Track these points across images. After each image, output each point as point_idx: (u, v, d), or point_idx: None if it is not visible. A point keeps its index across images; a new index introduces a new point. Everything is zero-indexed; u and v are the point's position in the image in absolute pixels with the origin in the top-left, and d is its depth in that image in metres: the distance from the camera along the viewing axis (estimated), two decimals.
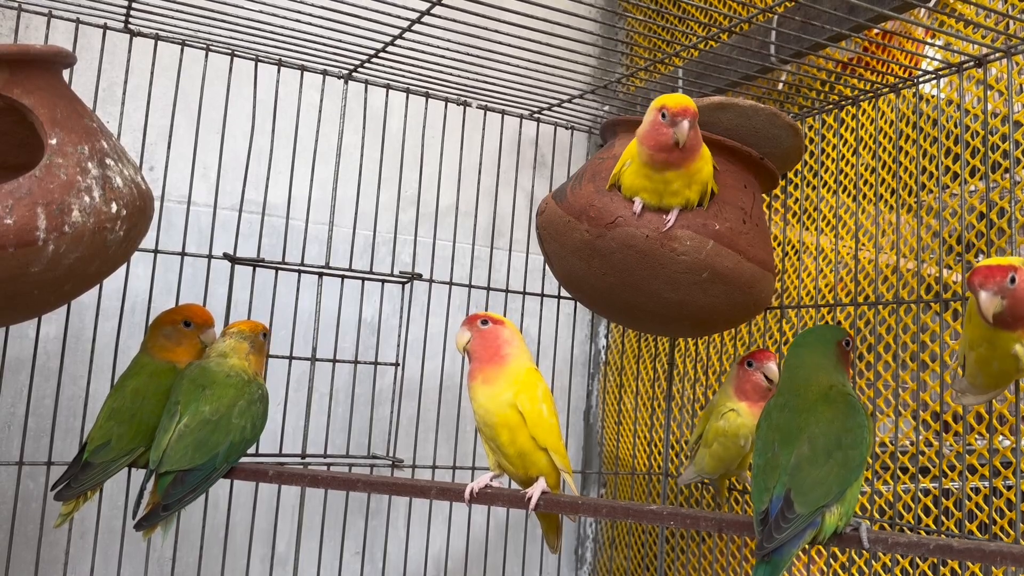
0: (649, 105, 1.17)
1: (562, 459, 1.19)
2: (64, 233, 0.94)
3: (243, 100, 1.58)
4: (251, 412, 1.26)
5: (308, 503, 1.61)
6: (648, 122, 1.15)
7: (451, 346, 1.72)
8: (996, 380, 1.08)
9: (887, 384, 1.48)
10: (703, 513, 1.14)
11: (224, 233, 1.60)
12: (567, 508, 1.18)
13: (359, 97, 1.68)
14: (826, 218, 1.65)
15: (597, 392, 2.15)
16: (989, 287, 0.96)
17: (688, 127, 1.12)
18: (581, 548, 2.10)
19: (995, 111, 1.32)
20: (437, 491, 1.23)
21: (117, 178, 1.02)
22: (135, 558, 1.59)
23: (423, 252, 1.87)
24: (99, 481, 1.22)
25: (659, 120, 1.13)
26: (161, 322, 1.32)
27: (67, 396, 1.55)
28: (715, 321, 1.32)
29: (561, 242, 1.28)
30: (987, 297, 0.96)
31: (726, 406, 1.35)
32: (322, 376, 1.68)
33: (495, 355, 1.19)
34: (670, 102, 1.13)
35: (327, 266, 1.55)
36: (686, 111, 1.12)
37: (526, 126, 1.79)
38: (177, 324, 1.31)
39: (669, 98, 1.14)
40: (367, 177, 1.68)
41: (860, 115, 1.52)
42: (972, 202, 1.43)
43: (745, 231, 1.25)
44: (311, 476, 1.28)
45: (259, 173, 1.68)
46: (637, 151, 1.18)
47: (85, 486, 1.21)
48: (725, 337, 1.74)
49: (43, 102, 0.99)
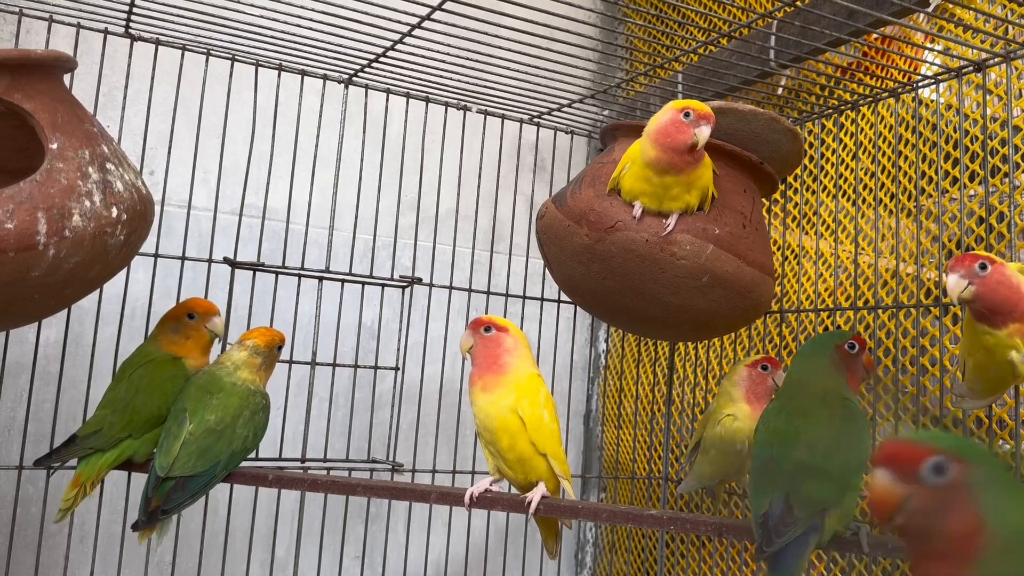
0: (658, 110, 1.17)
1: (561, 465, 1.19)
2: (65, 237, 0.94)
3: (243, 105, 1.58)
4: (254, 422, 1.27)
5: (308, 507, 1.61)
6: (666, 121, 1.14)
7: (451, 350, 1.72)
8: (994, 386, 1.08)
9: (887, 388, 1.48)
10: (703, 518, 1.13)
11: (224, 237, 1.60)
12: (567, 512, 1.18)
13: (359, 102, 1.68)
14: (825, 222, 1.65)
15: (597, 396, 2.15)
16: (957, 270, 0.98)
17: (709, 133, 1.12)
18: (581, 552, 2.10)
19: (994, 116, 1.32)
20: (437, 495, 1.23)
21: (118, 182, 1.02)
22: (135, 562, 1.59)
23: (423, 256, 1.87)
24: (79, 456, 1.23)
25: (680, 120, 1.13)
26: (167, 318, 1.33)
27: (67, 400, 1.54)
28: (715, 325, 1.32)
29: (561, 246, 1.28)
30: (953, 280, 0.98)
31: (723, 412, 1.35)
32: (322, 380, 1.68)
33: (496, 363, 1.19)
34: (695, 104, 1.13)
35: (327, 270, 1.55)
36: (710, 117, 1.13)
37: (526, 130, 1.79)
38: (181, 318, 1.32)
39: (691, 101, 1.15)
40: (367, 181, 1.68)
41: (859, 120, 1.52)
42: (971, 206, 1.43)
43: (745, 235, 1.25)
44: (311, 481, 1.28)
45: (259, 177, 1.69)
46: (641, 152, 1.17)
47: (65, 456, 1.23)
48: (725, 341, 1.74)
49: (44, 107, 0.99)
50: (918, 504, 0.63)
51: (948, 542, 0.62)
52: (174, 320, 1.32)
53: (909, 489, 0.63)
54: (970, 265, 0.98)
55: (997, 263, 0.99)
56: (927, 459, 0.63)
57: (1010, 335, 0.98)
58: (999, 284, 0.98)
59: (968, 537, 0.61)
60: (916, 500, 0.63)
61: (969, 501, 0.62)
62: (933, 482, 0.62)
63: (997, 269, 0.98)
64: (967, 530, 0.62)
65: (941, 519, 0.62)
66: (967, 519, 0.62)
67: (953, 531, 0.62)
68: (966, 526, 0.62)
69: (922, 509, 0.62)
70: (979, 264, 0.98)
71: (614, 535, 2.05)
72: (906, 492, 0.63)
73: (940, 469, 0.62)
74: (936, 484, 0.62)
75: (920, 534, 0.63)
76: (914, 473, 0.62)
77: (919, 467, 0.62)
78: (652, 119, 1.18)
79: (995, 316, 0.99)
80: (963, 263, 0.99)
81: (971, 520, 0.62)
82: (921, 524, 0.63)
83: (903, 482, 0.63)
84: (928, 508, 0.62)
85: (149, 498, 1.19)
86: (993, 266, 0.98)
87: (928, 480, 0.62)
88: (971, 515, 0.62)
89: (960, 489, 0.62)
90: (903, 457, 0.63)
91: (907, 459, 0.63)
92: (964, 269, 0.98)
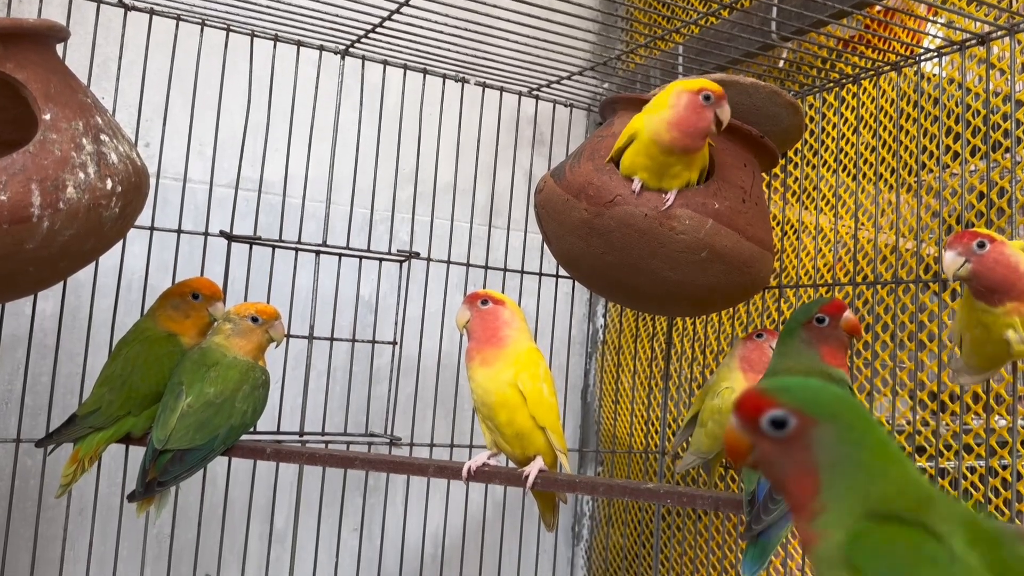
0: (658, 82, 1.16)
1: (559, 439, 1.19)
2: (59, 210, 0.93)
3: (239, 76, 1.56)
4: (254, 397, 1.26)
5: (306, 480, 1.61)
6: (683, 106, 1.12)
7: (449, 324, 1.72)
8: (991, 362, 1.08)
9: (884, 364, 1.48)
10: (699, 491, 1.14)
11: (220, 210, 1.59)
12: (564, 486, 1.18)
13: (356, 73, 1.66)
14: (825, 197, 1.64)
15: (595, 371, 2.15)
16: (954, 248, 0.99)
17: (729, 111, 1.12)
18: (578, 525, 2.11)
19: (996, 90, 1.31)
20: (435, 469, 1.23)
21: (112, 154, 1.01)
22: (133, 535, 1.60)
23: (421, 230, 1.86)
24: (77, 436, 1.23)
25: (699, 103, 1.11)
26: (170, 294, 1.32)
27: (64, 373, 1.54)
28: (713, 300, 1.32)
29: (559, 221, 1.27)
30: (950, 257, 0.98)
31: (722, 384, 1.35)
32: (320, 354, 1.68)
33: (493, 336, 1.19)
34: (708, 84, 1.12)
35: (324, 244, 1.54)
36: (725, 95, 1.12)
37: (524, 103, 1.78)
38: (186, 296, 1.31)
39: (701, 80, 1.13)
40: (364, 154, 1.67)
41: (861, 94, 1.51)
42: (972, 182, 1.42)
43: (744, 210, 1.24)
44: (309, 454, 1.29)
45: (256, 150, 1.67)
46: (650, 131, 1.15)
47: (64, 437, 1.23)
48: (723, 317, 1.74)
49: (36, 77, 0.97)
50: (761, 454, 0.63)
51: (789, 495, 0.63)
52: (178, 297, 1.31)
53: (753, 438, 0.63)
54: (968, 243, 0.98)
55: (996, 241, 0.98)
56: (766, 412, 0.62)
57: (1007, 313, 0.98)
58: (996, 263, 0.97)
59: (805, 496, 0.62)
60: (759, 449, 0.63)
61: (809, 461, 0.62)
62: (773, 435, 0.62)
63: (996, 247, 0.98)
64: (804, 490, 0.62)
65: (781, 471, 0.63)
66: (805, 479, 0.62)
67: (791, 487, 0.63)
68: (803, 486, 0.62)
69: (764, 458, 0.63)
70: (977, 242, 0.98)
71: (611, 508, 2.07)
72: (751, 440, 0.63)
73: (778, 423, 0.62)
74: (775, 437, 0.62)
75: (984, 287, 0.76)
76: (755, 424, 0.63)
77: (759, 419, 0.63)
78: (658, 102, 1.16)
79: (992, 294, 0.99)
80: (961, 241, 0.98)
81: (809, 480, 0.62)
82: (766, 471, 0.65)
83: (747, 431, 0.63)
84: (770, 458, 0.63)
85: (146, 470, 1.19)
86: (992, 244, 0.98)
87: (768, 432, 0.62)
88: (809, 476, 0.62)
89: (801, 446, 0.62)
90: (747, 407, 0.63)
91: (750, 409, 0.63)
92: (961, 247, 0.98)
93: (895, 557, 0.57)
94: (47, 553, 1.51)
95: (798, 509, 0.62)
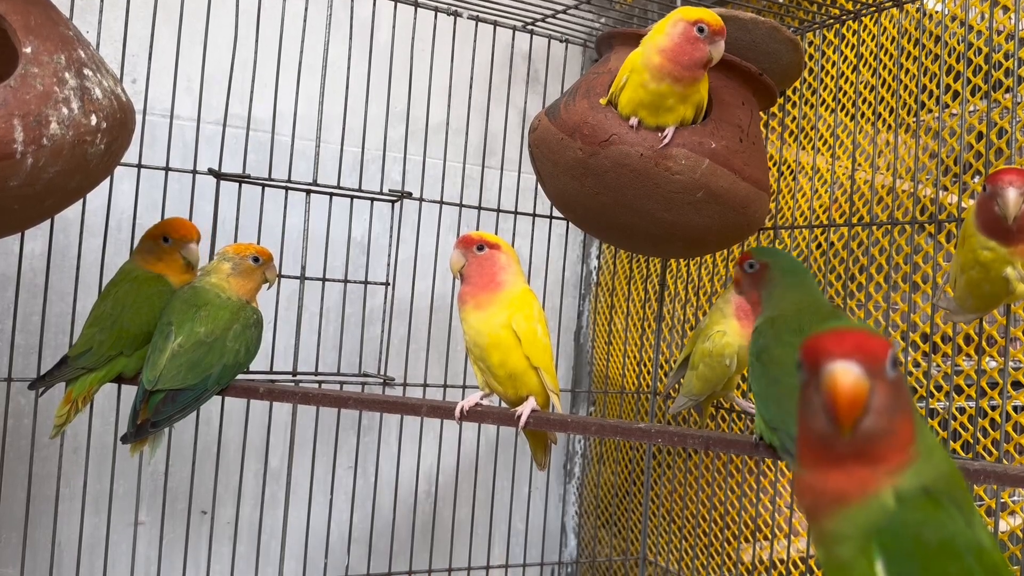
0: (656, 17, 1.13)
1: (552, 379, 1.20)
2: (43, 146, 0.91)
3: (226, 9, 1.52)
4: (246, 336, 1.25)
5: (300, 420, 1.62)
6: (677, 35, 1.10)
7: (442, 265, 1.71)
8: (986, 302, 1.08)
9: (878, 305, 1.48)
10: (690, 431, 1.15)
11: (209, 148, 1.56)
12: (557, 426, 1.19)
13: (346, 6, 1.62)
14: (823, 137, 1.62)
15: (588, 312, 2.15)
16: (1019, 185, 0.95)
17: (723, 48, 1.09)
18: (570, 463, 2.14)
19: (1000, 28, 1.29)
20: (428, 409, 1.24)
21: (96, 89, 0.98)
22: (128, 473, 1.61)
23: (413, 170, 1.84)
24: (70, 378, 1.22)
25: (694, 35, 1.09)
26: (145, 237, 1.30)
27: (54, 313, 1.53)
28: (708, 241, 1.31)
29: (554, 160, 1.25)
30: (1015, 195, 0.94)
31: (714, 328, 1.35)
32: (312, 295, 1.67)
33: (491, 282, 1.18)
34: (707, 16, 1.09)
35: (315, 183, 1.52)
36: (723, 31, 1.09)
37: (519, 39, 1.74)
38: (157, 240, 1.29)
39: (702, 11, 1.10)
40: (355, 91, 1.64)
41: (861, 31, 1.48)
42: (972, 122, 1.40)
43: (741, 150, 1.22)
44: (302, 394, 1.29)
45: (244, 86, 1.64)
46: (647, 65, 1.13)
47: (56, 379, 1.22)
48: (717, 258, 1.74)
49: (16, 8, 0.94)
50: (879, 402, 0.54)
51: (888, 446, 0.55)
52: (151, 240, 1.29)
53: (874, 383, 0.54)
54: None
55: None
56: (889, 351, 0.54)
57: (1012, 254, 0.99)
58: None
59: (904, 440, 0.55)
60: (879, 397, 0.54)
61: (907, 401, 0.56)
62: (892, 376, 0.55)
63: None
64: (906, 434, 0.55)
65: (892, 419, 0.55)
66: (907, 421, 0.56)
67: (900, 430, 0.55)
68: (906, 429, 0.55)
69: (882, 407, 0.54)
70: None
71: (602, 447, 2.09)
72: (871, 386, 0.54)
73: (896, 362, 0.55)
74: (893, 379, 0.55)
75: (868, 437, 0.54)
76: (880, 367, 0.54)
77: (884, 360, 0.54)
78: (657, 28, 1.13)
79: (1012, 233, 0.98)
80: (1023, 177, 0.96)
81: (908, 422, 0.56)
82: (876, 425, 0.54)
83: (871, 376, 0.54)
84: (886, 405, 0.54)
85: (137, 411, 1.19)
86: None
87: (890, 374, 0.55)
88: (908, 416, 0.56)
89: (901, 386, 0.56)
90: (870, 348, 0.54)
91: (875, 351, 0.54)
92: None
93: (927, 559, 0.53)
94: (43, 490, 1.52)
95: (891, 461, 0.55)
